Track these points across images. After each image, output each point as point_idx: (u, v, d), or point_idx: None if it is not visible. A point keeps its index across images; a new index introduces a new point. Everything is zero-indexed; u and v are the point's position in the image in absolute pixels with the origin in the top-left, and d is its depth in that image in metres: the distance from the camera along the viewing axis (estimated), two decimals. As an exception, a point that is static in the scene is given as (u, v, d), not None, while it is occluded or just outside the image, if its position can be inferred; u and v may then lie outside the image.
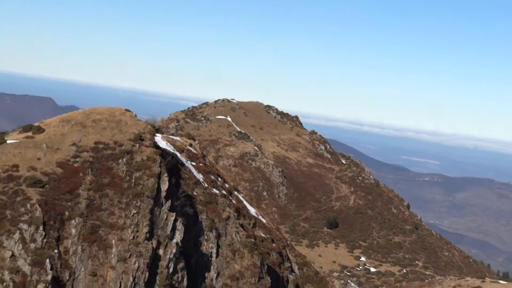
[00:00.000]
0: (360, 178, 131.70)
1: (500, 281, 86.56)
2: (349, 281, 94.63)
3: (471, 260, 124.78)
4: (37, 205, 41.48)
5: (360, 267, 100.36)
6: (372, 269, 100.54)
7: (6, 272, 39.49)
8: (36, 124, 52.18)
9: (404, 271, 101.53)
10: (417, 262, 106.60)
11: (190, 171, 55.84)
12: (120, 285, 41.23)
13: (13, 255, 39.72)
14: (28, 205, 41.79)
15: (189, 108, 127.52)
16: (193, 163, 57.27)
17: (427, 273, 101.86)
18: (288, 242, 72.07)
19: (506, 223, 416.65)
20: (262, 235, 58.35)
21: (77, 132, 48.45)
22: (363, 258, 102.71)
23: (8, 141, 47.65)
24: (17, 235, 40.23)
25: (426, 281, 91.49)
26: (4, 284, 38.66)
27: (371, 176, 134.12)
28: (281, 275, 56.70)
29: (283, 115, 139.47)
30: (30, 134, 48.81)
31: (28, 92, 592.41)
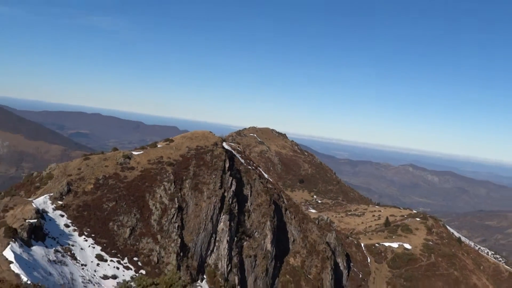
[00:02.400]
0: (313, 161, 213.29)
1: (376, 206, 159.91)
2: (309, 206, 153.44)
3: (366, 198, 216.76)
4: (171, 173, 79.59)
5: (314, 200, 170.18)
6: (319, 201, 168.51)
7: (157, 204, 79.56)
8: (170, 138, 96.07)
9: (333, 202, 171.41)
10: (339, 198, 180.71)
11: (238, 158, 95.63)
12: (207, 209, 79.75)
13: (160, 196, 76.73)
14: (167, 174, 79.02)
15: (236, 131, 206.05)
16: (239, 155, 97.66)
17: (343, 202, 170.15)
18: (282, 189, 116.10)
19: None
20: (270, 186, 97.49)
21: (188, 141, 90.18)
22: (315, 196, 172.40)
23: (158, 146, 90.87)
24: (162, 187, 75.42)
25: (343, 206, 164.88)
26: (157, 207, 77.68)
27: (318, 160, 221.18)
28: (279, 204, 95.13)
29: (279, 133, 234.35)
30: (167, 142, 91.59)
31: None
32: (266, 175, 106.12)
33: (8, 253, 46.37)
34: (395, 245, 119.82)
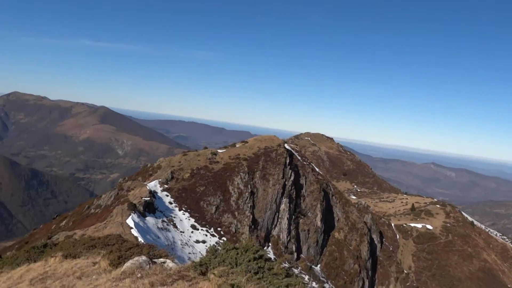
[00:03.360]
0: (354, 159, 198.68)
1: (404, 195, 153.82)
2: (350, 193, 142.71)
3: (396, 188, 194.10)
4: (245, 166, 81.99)
5: (354, 189, 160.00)
6: (358, 190, 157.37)
7: (235, 189, 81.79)
8: (245, 140, 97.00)
9: (369, 190, 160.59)
10: (374, 188, 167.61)
11: (295, 156, 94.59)
12: (272, 194, 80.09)
13: (237, 183, 79.99)
14: (242, 166, 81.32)
15: (294, 135, 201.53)
16: (296, 153, 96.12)
17: (378, 191, 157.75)
18: (329, 180, 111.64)
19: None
20: (320, 177, 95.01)
21: (259, 142, 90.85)
22: (355, 186, 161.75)
23: (236, 146, 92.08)
24: (239, 176, 76.75)
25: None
26: (235, 191, 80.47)
27: (358, 158, 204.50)
28: (327, 191, 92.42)
29: (327, 137, 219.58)
30: (243, 143, 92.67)
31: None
32: (317, 169, 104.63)
33: (129, 221, 48.53)
34: (419, 225, 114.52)
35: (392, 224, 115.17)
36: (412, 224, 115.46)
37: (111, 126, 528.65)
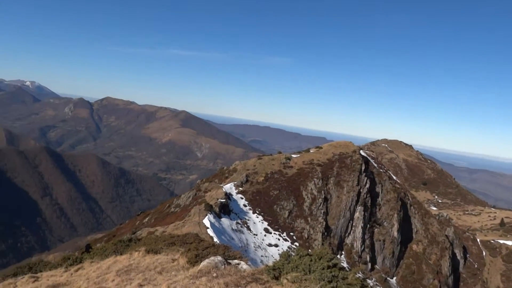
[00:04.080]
0: (434, 168, 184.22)
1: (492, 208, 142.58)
2: (430, 204, 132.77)
3: (483, 201, 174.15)
4: (319, 172, 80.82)
5: (435, 200, 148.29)
6: (439, 200, 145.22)
7: (309, 194, 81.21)
8: (320, 146, 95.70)
9: (451, 202, 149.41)
10: (457, 199, 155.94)
11: (371, 163, 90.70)
12: (347, 201, 78.07)
13: (311, 188, 79.59)
14: (316, 172, 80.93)
15: (370, 142, 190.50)
16: (373, 160, 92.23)
17: (461, 203, 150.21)
18: (407, 189, 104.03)
19: None
20: (397, 186, 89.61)
21: (333, 148, 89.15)
22: (436, 196, 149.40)
23: (310, 151, 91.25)
24: (312, 182, 75.98)
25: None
26: (308, 197, 79.79)
27: (439, 167, 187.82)
28: (405, 201, 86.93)
29: (406, 144, 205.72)
30: (317, 149, 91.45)
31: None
32: (394, 177, 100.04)
33: (206, 221, 50.17)
34: (509, 243, 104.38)
35: (478, 240, 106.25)
36: (502, 241, 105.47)
37: (191, 130, 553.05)
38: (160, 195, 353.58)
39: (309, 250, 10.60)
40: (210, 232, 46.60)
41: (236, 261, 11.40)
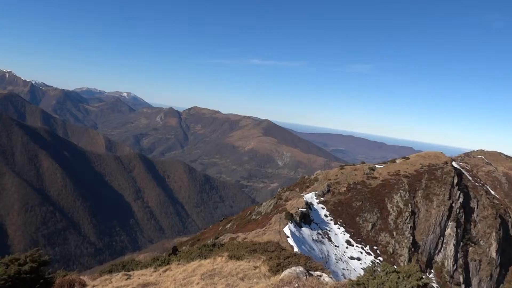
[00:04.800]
0: None
1: None
2: None
3: None
4: (406, 184, 75.66)
5: None
6: None
7: (394, 207, 77.37)
8: (406, 156, 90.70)
9: None
10: None
11: (465, 175, 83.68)
12: (436, 216, 72.79)
13: (397, 201, 74.61)
14: (402, 184, 75.50)
15: (464, 153, 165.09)
16: (467, 173, 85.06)
17: None
18: (508, 206, 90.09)
19: None
20: (496, 202, 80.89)
21: (422, 159, 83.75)
22: None
23: (396, 162, 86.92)
24: (398, 194, 71.70)
25: None
26: (394, 210, 75.89)
27: None
28: (506, 219, 78.02)
29: (507, 156, 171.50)
30: (404, 159, 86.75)
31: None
32: (492, 192, 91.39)
33: (286, 230, 50.15)
34: None
35: None
36: None
37: (273, 138, 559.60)
38: (242, 202, 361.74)
39: (395, 266, 10.03)
40: (291, 241, 46.44)
41: (318, 272, 11.19)
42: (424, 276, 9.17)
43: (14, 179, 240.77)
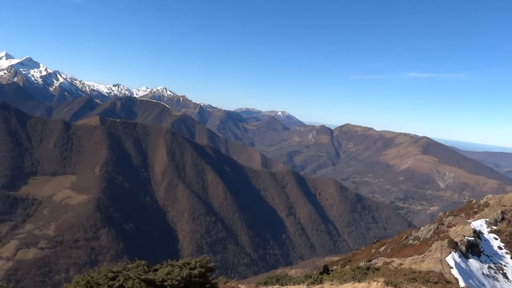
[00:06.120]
0: None
1: None
2: None
3: None
4: None
5: None
6: None
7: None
8: None
9: None
10: None
11: None
12: None
13: None
14: None
15: None
16: None
17: None
18: None
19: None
20: None
21: None
22: None
23: None
24: None
25: None
26: None
27: None
28: None
29: None
30: None
31: None
32: None
33: (449, 260, 45.38)
34: None
35: None
36: None
37: (432, 157, 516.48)
38: (397, 224, 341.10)
39: None
40: (455, 273, 41.77)
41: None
42: None
43: (185, 190, 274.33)
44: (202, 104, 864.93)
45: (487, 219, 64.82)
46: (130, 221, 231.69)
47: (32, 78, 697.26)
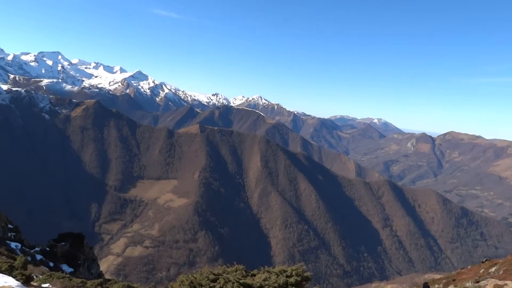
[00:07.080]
0: None
1: None
2: None
3: None
4: None
5: None
6: None
7: None
8: None
9: None
10: None
11: None
12: None
13: None
14: None
15: None
16: None
17: None
18: None
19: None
20: None
21: None
22: None
23: None
24: None
25: None
26: None
27: None
28: None
29: None
30: None
31: None
32: None
33: None
34: None
35: None
36: None
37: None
38: (511, 244, 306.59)
39: None
40: None
41: None
42: None
43: (278, 197, 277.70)
44: (296, 112, 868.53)
45: None
46: (225, 225, 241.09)
47: (142, 90, 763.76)
